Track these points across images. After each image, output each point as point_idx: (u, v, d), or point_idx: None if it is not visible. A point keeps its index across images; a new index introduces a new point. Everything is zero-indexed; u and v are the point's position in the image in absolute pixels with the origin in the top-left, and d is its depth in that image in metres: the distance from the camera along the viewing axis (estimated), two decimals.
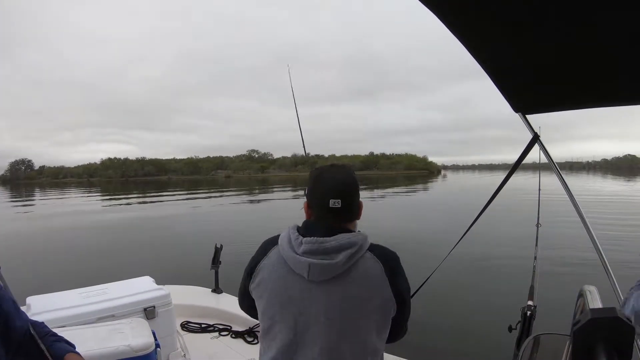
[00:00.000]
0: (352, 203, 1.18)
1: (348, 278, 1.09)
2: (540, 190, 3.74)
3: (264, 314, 1.17)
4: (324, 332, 1.08)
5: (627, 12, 0.93)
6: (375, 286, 1.10)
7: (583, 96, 1.61)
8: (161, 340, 2.21)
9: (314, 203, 1.18)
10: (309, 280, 1.09)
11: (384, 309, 1.12)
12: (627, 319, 0.72)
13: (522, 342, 2.12)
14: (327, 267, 1.07)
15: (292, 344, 1.10)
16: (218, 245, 3.89)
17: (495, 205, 2.19)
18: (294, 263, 1.10)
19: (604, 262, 1.74)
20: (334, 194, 1.14)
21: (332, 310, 1.08)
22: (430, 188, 43.04)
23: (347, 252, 1.08)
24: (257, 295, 1.19)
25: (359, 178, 1.26)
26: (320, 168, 1.24)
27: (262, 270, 1.17)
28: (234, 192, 40.04)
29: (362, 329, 1.10)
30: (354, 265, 1.09)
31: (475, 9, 0.99)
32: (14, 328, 1.18)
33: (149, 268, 7.56)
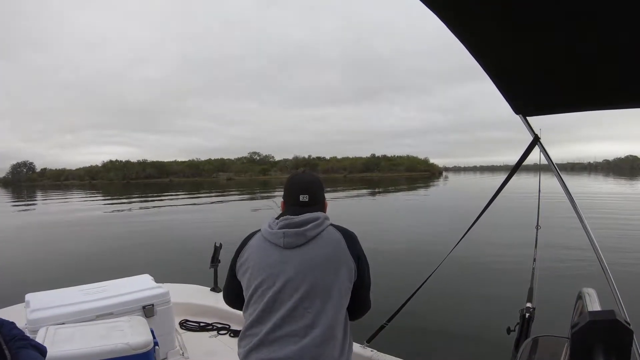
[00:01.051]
0: (317, 198, 1.49)
1: (315, 243, 1.35)
2: (540, 193, 3.73)
3: (249, 284, 1.37)
4: (298, 285, 1.29)
5: (627, 14, 0.93)
6: (337, 248, 1.36)
7: (584, 99, 1.61)
8: (160, 338, 2.22)
9: (288, 199, 1.49)
10: (284, 247, 1.34)
11: (346, 268, 1.35)
12: (625, 322, 0.73)
13: (521, 344, 2.12)
14: (298, 234, 1.34)
15: (270, 301, 1.30)
16: (217, 244, 3.89)
17: (495, 207, 2.19)
18: (271, 236, 1.37)
19: (603, 265, 1.74)
20: (302, 190, 1.46)
21: (304, 268, 1.31)
22: (431, 189, 42.89)
23: (312, 223, 1.36)
24: (242, 271, 1.41)
25: (361, 179, 1.37)
26: (293, 172, 1.58)
27: (247, 250, 1.42)
28: (235, 194, 39.91)
29: (328, 284, 1.31)
30: (320, 234, 1.36)
31: (476, 10, 0.99)
32: None
33: (148, 266, 7.56)
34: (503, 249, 10.41)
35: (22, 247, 11.24)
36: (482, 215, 2.15)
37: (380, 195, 33.47)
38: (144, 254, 10.62)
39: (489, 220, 3.10)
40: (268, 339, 1.27)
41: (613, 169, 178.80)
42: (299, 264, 1.32)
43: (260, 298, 1.33)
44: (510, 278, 7.44)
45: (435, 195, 34.10)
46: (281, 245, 1.34)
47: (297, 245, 1.34)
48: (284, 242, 1.34)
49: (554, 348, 1.49)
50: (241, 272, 1.42)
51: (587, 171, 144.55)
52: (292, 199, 1.46)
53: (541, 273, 3.01)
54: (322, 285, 1.31)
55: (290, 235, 1.34)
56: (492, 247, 10.49)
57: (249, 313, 1.36)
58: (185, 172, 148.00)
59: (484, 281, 7.71)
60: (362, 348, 2.47)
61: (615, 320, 0.73)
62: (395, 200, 29.82)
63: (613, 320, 0.73)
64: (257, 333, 1.30)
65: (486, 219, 2.22)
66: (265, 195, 35.18)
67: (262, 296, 1.32)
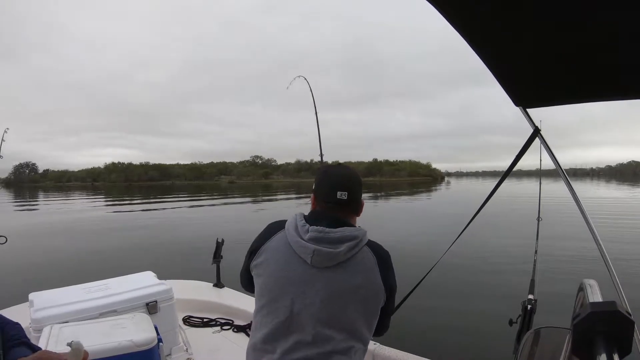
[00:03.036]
0: (357, 197, 1.29)
1: (346, 267, 1.18)
2: (540, 185, 3.73)
3: (262, 292, 1.23)
4: (317, 313, 1.15)
5: (627, 5, 0.92)
6: (369, 276, 1.20)
7: (584, 90, 1.60)
8: (163, 334, 2.22)
9: (322, 195, 1.29)
10: (311, 265, 1.17)
11: (375, 298, 1.21)
12: (626, 313, 0.73)
13: (523, 335, 2.12)
14: (329, 255, 1.16)
15: (286, 323, 1.17)
16: (219, 239, 3.90)
17: (497, 202, 2.19)
18: (298, 247, 1.19)
19: (604, 256, 1.74)
20: (341, 186, 1.26)
21: (328, 295, 1.16)
22: (433, 194, 42.68)
23: (349, 243, 1.18)
24: (257, 273, 1.26)
25: (363, 184, 1.35)
26: (328, 165, 1.37)
27: (265, 251, 1.25)
28: (237, 197, 39.74)
29: (352, 314, 1.18)
30: (353, 256, 1.19)
31: (475, 2, 0.99)
32: None
33: (150, 263, 7.59)
34: (504, 242, 10.43)
35: (25, 247, 11.27)
36: (485, 204, 2.15)
37: (383, 200, 33.41)
38: (147, 251, 10.66)
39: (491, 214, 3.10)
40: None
41: (615, 174, 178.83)
42: (324, 288, 1.17)
43: (275, 313, 1.19)
44: (512, 270, 7.46)
45: (437, 200, 34.01)
46: (308, 261, 1.17)
47: (327, 266, 1.17)
48: (311, 260, 1.17)
49: (556, 339, 1.50)
50: (256, 272, 1.28)
51: (589, 177, 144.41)
52: (328, 195, 1.27)
53: (542, 265, 3.02)
54: (349, 314, 1.17)
55: (322, 255, 1.16)
56: (494, 239, 10.51)
57: (260, 322, 1.23)
58: (187, 175, 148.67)
59: (485, 273, 7.73)
60: None
61: (616, 311, 0.73)
62: (397, 203, 29.79)
63: (614, 311, 0.73)
64: (271, 350, 1.18)
65: (487, 215, 2.22)
66: (267, 199, 35.12)
67: (276, 313, 1.19)
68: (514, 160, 2.06)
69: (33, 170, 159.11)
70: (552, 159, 1.94)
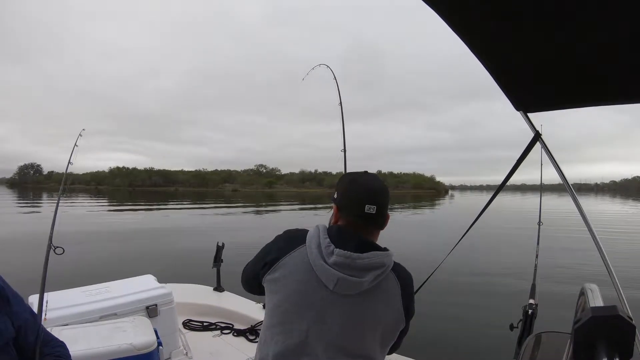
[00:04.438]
0: (385, 211, 1.19)
1: (369, 295, 1.10)
2: (542, 189, 3.73)
3: (276, 310, 1.15)
4: (333, 340, 1.09)
5: (627, 11, 0.93)
6: (391, 306, 1.14)
7: (584, 95, 1.60)
8: (163, 338, 2.22)
9: (348, 207, 1.17)
10: (332, 291, 1.09)
11: (394, 326, 1.16)
12: (627, 317, 0.73)
13: (524, 340, 2.12)
14: (354, 284, 1.08)
15: (299, 345, 1.10)
16: (220, 243, 3.89)
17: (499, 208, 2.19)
18: (321, 272, 1.09)
19: (605, 261, 1.74)
20: (370, 199, 1.14)
21: (347, 323, 1.09)
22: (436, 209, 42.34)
23: (375, 272, 1.09)
24: (271, 289, 1.17)
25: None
26: (354, 173, 1.24)
27: (284, 267, 1.14)
28: (240, 206, 39.56)
29: (369, 342, 1.12)
30: (378, 284, 1.11)
31: (476, 6, 0.99)
32: (26, 344, 1.15)
33: (151, 266, 7.58)
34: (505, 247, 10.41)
35: (26, 249, 11.25)
36: (486, 209, 2.15)
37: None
38: (147, 254, 10.64)
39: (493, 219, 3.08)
40: None
41: (620, 190, 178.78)
42: (344, 315, 1.10)
43: (287, 334, 1.12)
44: (513, 275, 7.44)
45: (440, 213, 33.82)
46: (330, 287, 1.09)
47: (348, 294, 1.09)
48: (334, 287, 1.08)
49: (557, 344, 1.49)
50: (269, 288, 1.18)
51: (593, 192, 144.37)
52: (356, 207, 1.15)
53: (543, 269, 3.01)
54: (362, 345, 1.12)
55: (346, 284, 1.08)
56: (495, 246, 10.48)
57: (272, 339, 1.15)
58: (191, 181, 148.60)
59: (486, 278, 7.71)
60: None
61: (617, 315, 0.73)
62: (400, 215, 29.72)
63: (615, 315, 0.73)
64: None
65: (489, 221, 2.22)
66: (270, 209, 35.00)
67: (290, 333, 1.11)
68: (516, 164, 2.06)
69: (38, 171, 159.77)
70: (552, 161, 1.93)
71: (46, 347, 1.21)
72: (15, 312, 1.13)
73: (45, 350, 1.20)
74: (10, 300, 1.13)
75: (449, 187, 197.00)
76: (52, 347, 1.24)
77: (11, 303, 1.13)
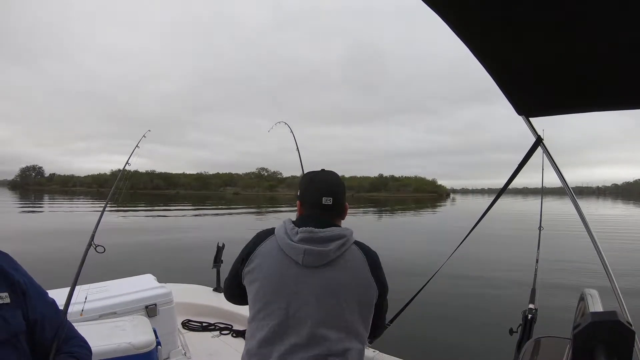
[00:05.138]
0: (341, 202, 1.34)
1: (337, 265, 1.22)
2: (542, 194, 3.73)
3: (257, 296, 1.24)
4: (313, 311, 1.18)
5: (629, 15, 0.93)
6: (359, 273, 1.24)
7: (586, 100, 1.60)
8: (162, 338, 2.22)
9: (308, 201, 1.33)
10: (302, 265, 1.20)
11: (367, 293, 1.24)
12: (627, 323, 0.73)
13: (523, 345, 2.11)
14: (320, 254, 1.20)
15: (282, 325, 1.18)
16: (220, 244, 3.90)
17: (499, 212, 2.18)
18: (289, 249, 1.22)
19: (605, 265, 1.74)
20: (326, 192, 1.30)
21: (322, 293, 1.19)
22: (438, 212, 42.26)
23: (337, 242, 1.22)
24: (250, 280, 1.27)
25: (368, 199, 1.35)
26: (312, 172, 1.40)
27: (257, 257, 1.26)
28: (241, 208, 39.57)
29: (347, 311, 1.20)
30: (342, 254, 1.23)
31: (478, 10, 0.99)
32: (42, 339, 1.11)
33: (150, 266, 7.58)
34: (505, 252, 10.39)
35: (25, 247, 11.27)
36: (490, 208, 2.15)
37: (387, 215, 33.29)
38: (147, 254, 10.64)
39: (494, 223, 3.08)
40: None
41: (622, 193, 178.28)
42: (317, 287, 1.19)
43: (269, 317, 1.20)
44: (513, 279, 7.43)
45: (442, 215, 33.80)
46: (300, 262, 1.20)
47: (317, 265, 1.20)
48: (303, 260, 1.19)
49: (556, 349, 1.49)
50: (248, 280, 1.28)
51: (595, 195, 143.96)
52: (314, 200, 1.30)
53: (543, 274, 3.01)
54: (341, 315, 1.19)
55: (312, 254, 1.19)
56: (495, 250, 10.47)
57: (256, 327, 1.23)
58: (192, 184, 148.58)
59: (486, 282, 7.70)
60: (364, 348, 2.46)
61: (617, 321, 0.73)
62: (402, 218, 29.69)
63: (615, 321, 0.73)
64: (267, 355, 1.18)
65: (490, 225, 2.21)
66: (272, 211, 35.03)
67: (272, 315, 1.20)
68: (517, 168, 2.06)
69: (39, 173, 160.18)
70: (553, 167, 1.94)
71: (65, 345, 1.17)
72: (33, 306, 1.11)
73: (64, 347, 1.16)
74: (28, 294, 1.11)
75: (451, 191, 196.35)
76: (71, 346, 1.19)
77: (28, 296, 1.10)
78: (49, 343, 1.12)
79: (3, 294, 1.04)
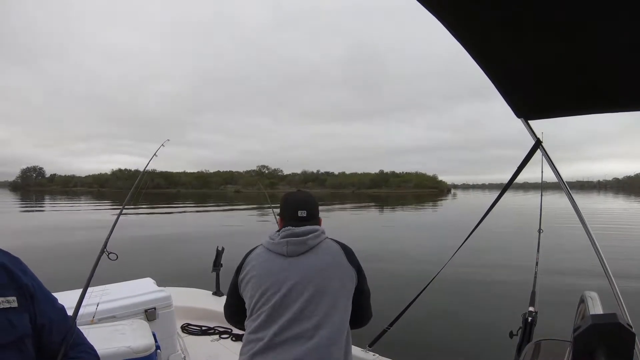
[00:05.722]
0: (315, 214, 1.57)
1: (316, 252, 1.43)
2: (542, 197, 3.72)
3: (252, 291, 1.41)
4: (304, 289, 1.35)
5: (627, 17, 0.93)
6: (336, 257, 1.45)
7: (585, 102, 1.60)
8: (161, 342, 2.21)
9: (286, 215, 1.56)
10: (287, 256, 1.41)
11: (347, 274, 1.44)
12: (627, 325, 0.73)
13: (523, 347, 2.11)
14: (300, 242, 1.42)
15: (276, 305, 1.34)
16: (219, 247, 3.89)
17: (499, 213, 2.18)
18: (274, 246, 1.44)
19: (605, 268, 1.74)
20: (301, 206, 1.54)
21: (309, 272, 1.38)
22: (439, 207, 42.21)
23: (313, 234, 1.45)
24: (245, 282, 1.45)
25: (369, 195, 1.41)
26: (290, 192, 1.66)
27: (248, 264, 1.47)
28: (242, 206, 39.54)
29: (332, 289, 1.38)
30: (319, 244, 1.45)
31: (478, 14, 1.00)
32: (50, 343, 1.12)
33: (150, 270, 7.55)
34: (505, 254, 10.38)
35: (25, 249, 11.24)
36: (488, 213, 2.15)
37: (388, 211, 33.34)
38: (147, 257, 10.61)
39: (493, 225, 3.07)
40: (274, 342, 1.30)
41: (623, 187, 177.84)
42: (303, 269, 1.39)
43: (265, 304, 1.36)
44: (513, 282, 7.42)
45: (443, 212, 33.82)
46: (284, 253, 1.41)
47: (299, 253, 1.42)
48: (287, 250, 1.41)
49: (556, 351, 1.49)
50: (244, 284, 1.46)
51: (596, 190, 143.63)
52: (291, 214, 1.54)
53: (543, 276, 3.01)
54: (327, 289, 1.37)
55: (294, 244, 1.41)
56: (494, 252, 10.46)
57: (253, 319, 1.38)
58: (193, 183, 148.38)
59: (486, 285, 7.68)
60: (364, 352, 2.46)
61: (617, 323, 0.73)
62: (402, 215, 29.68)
63: (615, 323, 0.73)
64: (262, 337, 1.33)
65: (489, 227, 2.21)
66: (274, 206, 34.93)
67: (267, 302, 1.36)
68: (516, 172, 2.06)
69: (40, 174, 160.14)
70: (553, 170, 1.94)
71: (72, 351, 1.18)
72: (42, 310, 1.11)
73: (71, 353, 1.17)
74: (36, 297, 1.11)
75: (452, 186, 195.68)
76: (78, 352, 1.20)
77: (36, 300, 1.11)
78: (57, 347, 1.12)
79: (11, 298, 1.03)
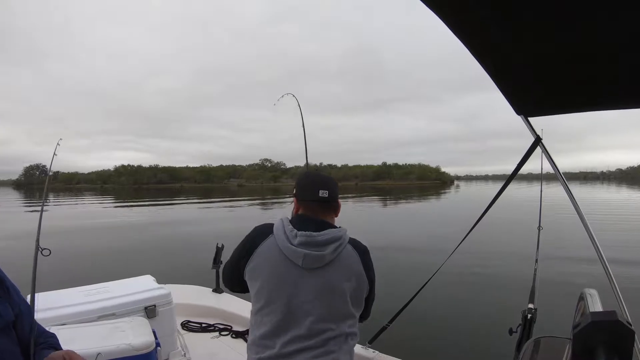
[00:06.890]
0: (336, 196, 1.44)
1: (333, 266, 1.33)
2: (542, 194, 3.72)
3: (260, 294, 1.34)
4: (313, 308, 1.29)
5: (628, 13, 0.93)
6: (354, 271, 1.36)
7: (585, 99, 1.60)
8: (161, 339, 2.22)
9: (305, 194, 1.42)
10: (302, 267, 1.30)
11: (360, 289, 1.37)
12: (627, 322, 0.73)
13: (523, 344, 2.11)
14: (318, 258, 1.30)
15: (284, 320, 1.30)
16: (219, 244, 3.89)
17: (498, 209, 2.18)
18: (290, 253, 1.31)
19: (604, 265, 1.74)
20: (322, 185, 1.40)
21: (321, 290, 1.30)
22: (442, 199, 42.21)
23: (334, 245, 1.32)
24: (251, 277, 1.37)
25: (372, 187, 1.40)
26: (307, 171, 1.53)
27: (259, 255, 1.35)
28: (246, 200, 39.52)
29: (344, 304, 1.33)
30: (338, 255, 1.33)
31: (477, 11, 0.99)
32: (22, 333, 1.24)
33: (150, 267, 7.57)
34: (505, 250, 10.39)
35: (25, 248, 11.25)
36: (486, 212, 2.15)
37: (392, 203, 33.27)
38: (146, 254, 10.63)
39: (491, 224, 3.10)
40: (282, 352, 1.27)
41: (626, 178, 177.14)
42: (316, 286, 1.30)
43: (273, 313, 1.31)
44: (512, 279, 7.43)
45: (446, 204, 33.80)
46: (299, 264, 1.30)
47: (316, 267, 1.31)
48: (302, 263, 1.30)
49: (556, 349, 1.49)
50: (249, 277, 1.38)
51: (599, 180, 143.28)
52: (311, 193, 1.39)
53: (543, 274, 3.00)
54: (338, 310, 1.32)
55: (311, 258, 1.29)
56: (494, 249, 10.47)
57: (260, 322, 1.34)
58: (196, 177, 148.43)
59: (485, 282, 7.69)
60: (364, 349, 2.46)
61: (617, 320, 0.73)
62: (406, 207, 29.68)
63: (615, 320, 0.73)
64: (270, 346, 1.30)
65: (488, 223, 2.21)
66: (276, 201, 35.01)
67: (275, 312, 1.31)
68: (516, 169, 2.06)
69: (43, 172, 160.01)
70: (553, 167, 1.94)
71: (40, 338, 1.31)
72: (14, 301, 1.24)
73: (40, 339, 1.30)
74: (10, 290, 1.24)
75: (455, 178, 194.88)
76: (45, 338, 1.34)
77: (10, 292, 1.24)
78: (27, 336, 1.25)
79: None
